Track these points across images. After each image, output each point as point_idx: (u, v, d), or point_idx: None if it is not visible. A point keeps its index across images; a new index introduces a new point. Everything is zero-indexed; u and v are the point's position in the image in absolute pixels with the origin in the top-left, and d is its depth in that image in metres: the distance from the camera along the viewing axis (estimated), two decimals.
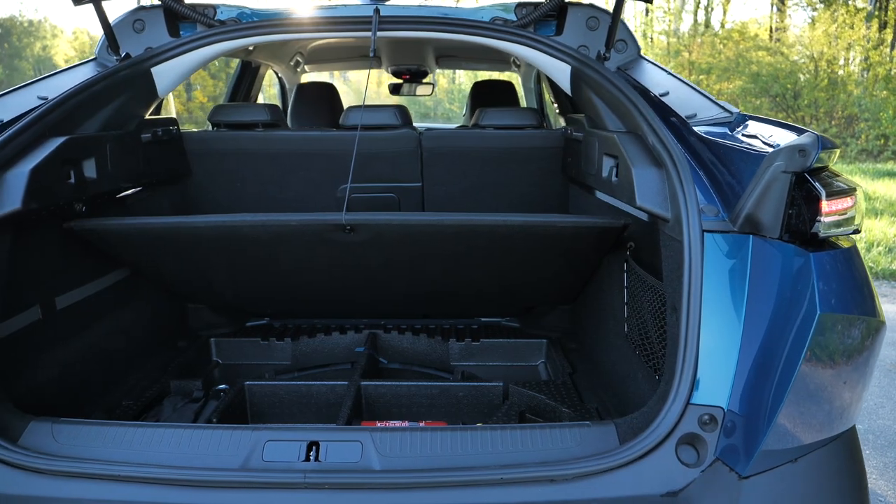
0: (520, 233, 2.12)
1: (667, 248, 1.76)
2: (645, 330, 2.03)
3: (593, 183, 2.35)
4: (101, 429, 1.63)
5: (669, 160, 1.72)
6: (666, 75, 2.31)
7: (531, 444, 1.59)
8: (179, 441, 1.59)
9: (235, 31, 2.42)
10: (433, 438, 1.59)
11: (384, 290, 2.70)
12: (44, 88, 2.23)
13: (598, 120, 2.32)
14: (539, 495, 1.48)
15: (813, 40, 18.65)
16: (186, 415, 2.30)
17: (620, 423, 1.65)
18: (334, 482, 1.47)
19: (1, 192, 1.79)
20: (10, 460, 1.52)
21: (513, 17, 2.54)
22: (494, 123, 2.88)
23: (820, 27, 18.75)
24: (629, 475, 1.50)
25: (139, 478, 1.49)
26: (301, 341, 2.90)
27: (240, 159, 2.91)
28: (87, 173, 2.16)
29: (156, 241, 2.20)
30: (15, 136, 1.86)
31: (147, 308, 2.70)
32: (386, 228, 2.11)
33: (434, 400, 2.39)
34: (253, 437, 1.59)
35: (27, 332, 2.01)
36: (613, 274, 2.34)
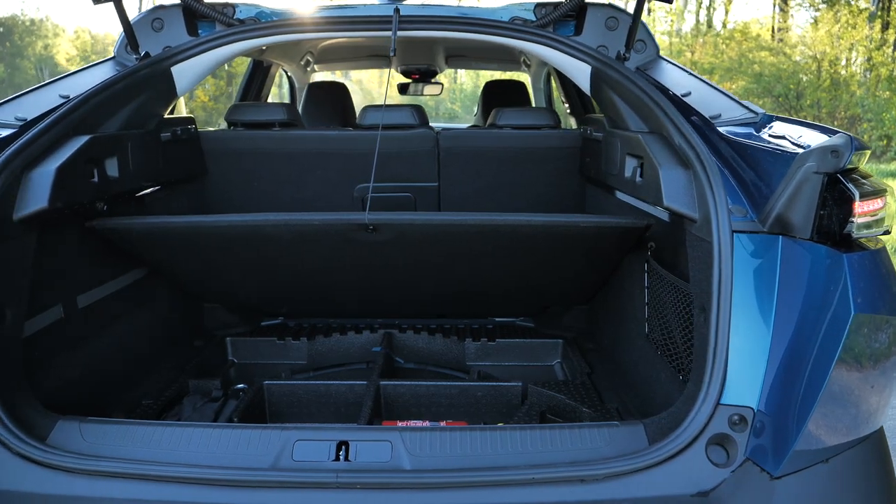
0: (542, 233, 2.12)
1: (694, 248, 1.75)
2: (668, 330, 2.03)
3: (614, 183, 2.35)
4: (129, 428, 1.63)
5: (697, 161, 1.72)
6: (686, 75, 2.30)
7: (560, 443, 1.59)
8: (209, 440, 1.59)
9: (255, 30, 2.42)
10: (462, 438, 1.59)
11: (401, 289, 2.70)
12: (65, 87, 2.22)
13: (618, 120, 2.32)
14: (570, 495, 1.48)
15: (816, 40, 18.64)
16: (206, 414, 2.30)
17: (649, 424, 1.65)
18: (366, 482, 1.47)
19: (27, 190, 1.79)
20: (41, 459, 1.52)
21: (532, 17, 2.54)
22: (512, 123, 2.88)
23: (823, 27, 18.74)
24: (660, 475, 1.50)
25: (171, 477, 1.49)
26: (317, 341, 2.90)
27: (256, 159, 2.91)
28: (110, 172, 2.16)
29: (178, 240, 2.20)
30: (40, 135, 1.86)
31: (164, 307, 2.70)
32: (409, 228, 2.11)
33: (453, 400, 2.39)
34: (282, 436, 1.59)
35: (50, 331, 2.01)
36: (634, 274, 2.34)
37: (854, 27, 18.28)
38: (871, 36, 18.13)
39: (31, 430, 1.60)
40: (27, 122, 1.99)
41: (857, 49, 18.65)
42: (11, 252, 1.76)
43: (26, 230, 1.82)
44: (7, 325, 1.71)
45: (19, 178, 1.79)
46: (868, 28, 18.03)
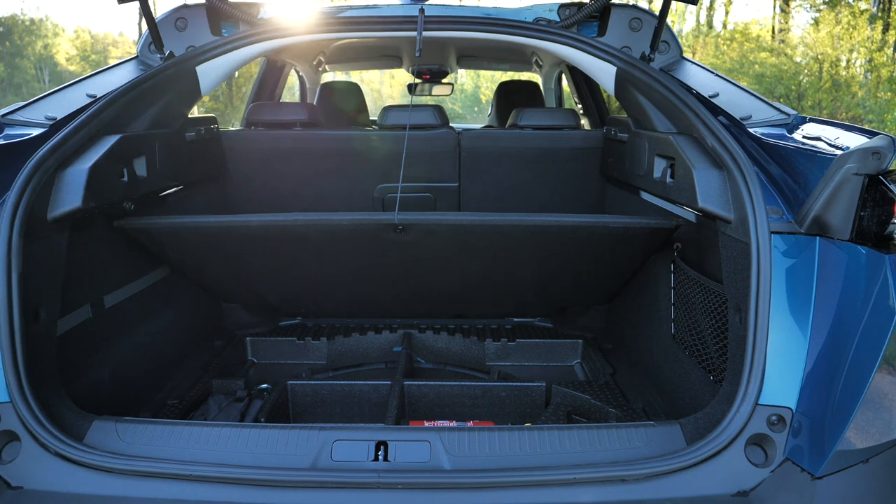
0: (571, 233, 2.12)
1: (728, 249, 1.76)
2: (698, 331, 2.03)
3: (640, 183, 2.35)
4: (166, 428, 1.63)
5: (732, 162, 1.72)
6: (713, 76, 2.31)
7: (598, 443, 1.59)
8: (247, 440, 1.59)
9: (281, 30, 2.41)
10: (500, 438, 1.59)
11: (421, 289, 2.70)
12: (91, 86, 2.22)
13: (645, 121, 2.32)
14: (611, 495, 1.48)
15: (817, 41, 18.66)
16: (232, 414, 2.30)
17: (685, 423, 1.65)
18: (407, 482, 1.47)
19: (60, 190, 1.79)
20: (80, 459, 1.52)
21: (555, 18, 2.54)
22: (533, 124, 2.88)
23: (824, 28, 18.76)
24: (700, 475, 1.51)
25: (212, 477, 1.49)
26: (336, 341, 2.90)
27: (277, 158, 2.91)
28: (139, 171, 2.16)
29: (206, 239, 2.20)
30: (72, 134, 1.86)
31: (185, 307, 2.70)
32: (438, 228, 2.11)
33: (476, 400, 2.40)
34: (320, 436, 1.59)
35: (79, 331, 2.01)
36: (659, 275, 2.34)
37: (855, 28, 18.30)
38: (872, 37, 18.14)
39: (68, 430, 1.60)
40: (57, 122, 1.99)
41: (859, 50, 18.67)
42: (45, 251, 1.76)
43: (59, 230, 1.82)
44: (41, 325, 1.71)
45: (52, 177, 1.78)
46: (869, 29, 18.04)
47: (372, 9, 2.58)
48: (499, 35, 2.43)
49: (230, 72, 2.52)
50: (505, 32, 2.43)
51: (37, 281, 1.70)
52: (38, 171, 1.71)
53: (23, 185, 1.66)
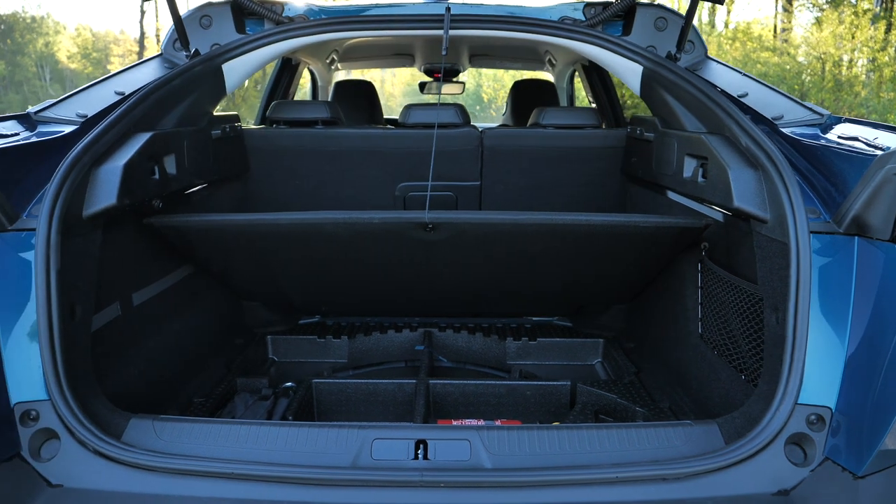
0: (600, 232, 2.12)
1: (763, 249, 1.76)
2: (729, 330, 2.03)
3: (668, 183, 2.35)
4: (204, 426, 1.63)
5: (769, 161, 1.72)
6: (741, 76, 2.31)
7: (638, 442, 1.59)
8: (286, 439, 1.59)
9: (306, 27, 2.42)
10: (540, 437, 1.59)
11: (444, 287, 2.70)
12: (119, 83, 2.22)
13: (672, 121, 2.32)
14: (653, 494, 1.48)
15: (820, 41, 18.66)
16: (259, 413, 2.30)
17: (722, 423, 1.65)
18: (449, 481, 1.47)
19: (95, 187, 1.79)
20: (120, 457, 1.52)
21: (580, 17, 2.54)
22: (555, 123, 2.88)
23: (827, 28, 18.75)
24: (740, 474, 1.51)
25: (253, 476, 1.49)
26: (357, 339, 2.90)
27: (298, 156, 2.91)
28: (169, 169, 2.16)
29: (235, 236, 2.20)
30: (105, 132, 1.86)
31: (207, 305, 2.70)
32: (468, 227, 2.11)
33: (501, 399, 2.39)
34: (360, 435, 1.59)
35: (109, 329, 2.00)
36: (685, 274, 2.34)
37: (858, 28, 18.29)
38: (875, 37, 18.14)
39: (106, 428, 1.60)
40: (88, 119, 1.99)
41: (862, 50, 18.66)
42: (81, 249, 1.76)
43: (93, 227, 1.82)
44: (77, 322, 1.71)
45: (87, 175, 1.78)
46: (872, 29, 18.04)
47: (397, 7, 2.58)
48: (525, 34, 2.43)
49: (255, 69, 2.52)
50: (531, 31, 2.43)
51: (73, 278, 1.70)
52: (74, 169, 1.71)
53: (60, 182, 1.66)
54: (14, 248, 1.63)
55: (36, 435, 1.56)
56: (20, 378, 1.58)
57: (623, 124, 4.16)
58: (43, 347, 1.56)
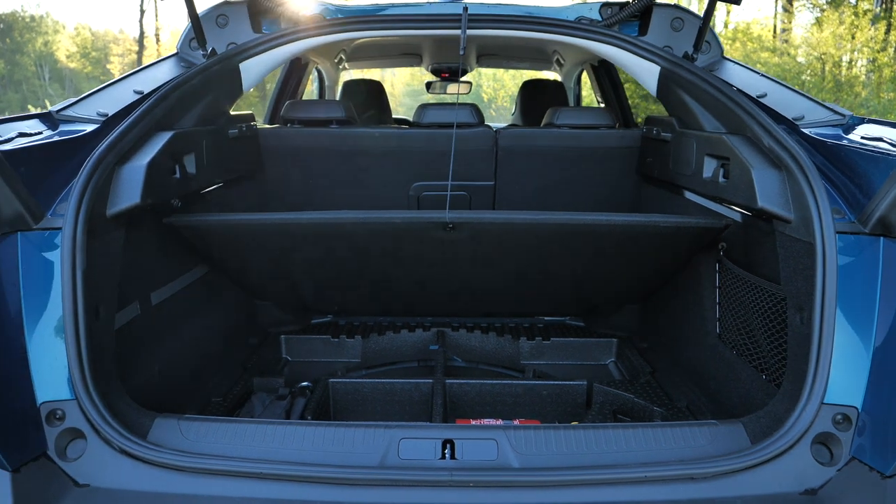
0: (619, 232, 2.13)
1: (786, 249, 1.76)
2: (749, 330, 2.03)
3: (686, 183, 2.36)
4: (229, 426, 1.63)
5: (793, 162, 1.72)
6: (758, 77, 2.31)
7: (664, 442, 1.59)
8: (312, 438, 1.59)
9: (324, 27, 2.41)
10: (567, 437, 1.59)
11: (459, 287, 2.70)
12: (137, 82, 2.22)
13: (691, 121, 2.32)
14: (681, 493, 1.49)
15: (820, 41, 18.69)
16: (276, 412, 2.29)
17: (747, 422, 1.65)
18: (478, 480, 1.47)
19: (119, 186, 1.79)
20: (148, 457, 1.52)
21: (597, 17, 2.54)
22: (570, 123, 2.88)
23: (827, 28, 18.78)
24: (767, 473, 1.51)
25: (281, 475, 1.49)
26: (371, 339, 2.90)
27: (313, 156, 2.91)
28: (189, 169, 2.16)
29: (254, 236, 2.20)
30: (128, 131, 1.85)
31: (222, 305, 2.70)
32: (488, 227, 2.11)
33: (518, 398, 2.40)
34: (386, 434, 1.59)
35: (129, 328, 2.00)
36: (702, 274, 2.35)
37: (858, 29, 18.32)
38: (876, 37, 18.16)
39: (132, 427, 1.60)
40: (109, 118, 1.98)
41: (862, 51, 18.69)
42: (104, 248, 1.76)
43: (116, 226, 1.82)
44: (101, 322, 1.71)
45: (111, 174, 1.78)
46: (873, 30, 18.06)
47: (413, 6, 2.58)
48: (542, 34, 2.43)
49: (272, 68, 2.52)
50: (549, 31, 2.44)
51: (98, 278, 1.70)
52: (98, 168, 1.71)
53: (85, 181, 1.66)
54: (39, 247, 1.63)
55: (62, 434, 1.56)
56: (46, 377, 1.58)
57: (632, 124, 4.17)
58: (69, 347, 1.56)
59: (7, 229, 1.60)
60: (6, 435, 1.49)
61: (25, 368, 1.57)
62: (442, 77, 5.11)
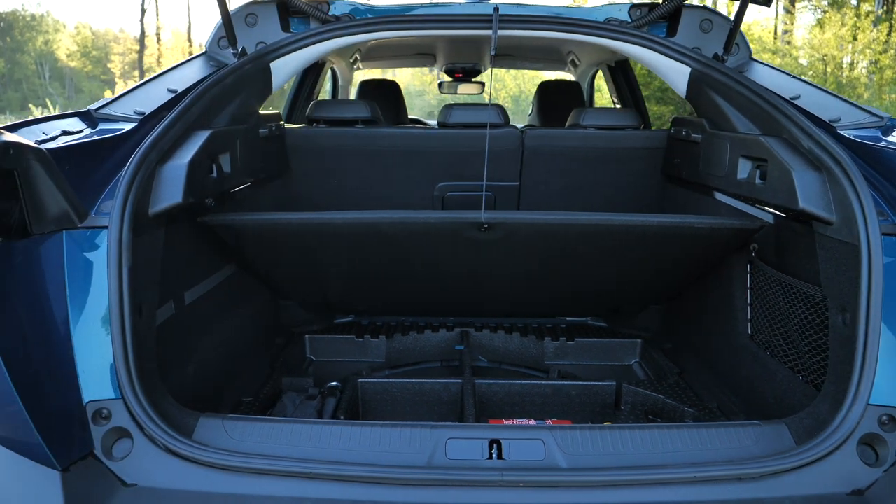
0: (654, 233, 2.13)
1: (827, 250, 1.76)
2: (784, 331, 2.03)
3: (718, 184, 2.36)
4: (273, 426, 1.63)
5: (834, 163, 1.73)
6: (790, 79, 2.31)
7: (709, 442, 1.60)
8: (359, 438, 1.59)
9: (355, 26, 2.41)
10: (613, 437, 1.60)
11: (486, 287, 2.70)
12: (170, 81, 2.22)
13: (723, 122, 2.33)
14: (730, 493, 1.49)
15: (822, 43, 18.73)
16: (307, 411, 2.29)
17: (791, 423, 1.66)
18: (528, 480, 1.47)
19: (161, 185, 1.79)
20: (195, 457, 1.52)
21: (625, 18, 2.55)
22: (596, 123, 2.88)
23: (829, 30, 18.82)
24: (814, 474, 1.52)
25: (330, 475, 1.48)
26: (395, 339, 2.90)
27: (338, 155, 2.91)
28: (224, 168, 2.15)
29: (287, 235, 2.20)
30: (167, 130, 1.85)
31: (248, 305, 2.69)
32: (523, 227, 2.12)
33: (547, 399, 2.40)
34: (433, 434, 1.59)
35: (165, 328, 2.00)
36: (733, 275, 2.35)
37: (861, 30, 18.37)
38: (878, 39, 18.21)
39: (177, 427, 1.59)
40: (145, 116, 1.98)
41: (864, 52, 18.73)
42: (147, 247, 1.75)
43: (157, 225, 1.82)
44: (144, 320, 1.71)
45: (153, 172, 1.78)
46: (875, 31, 18.11)
47: (442, 6, 2.58)
48: (573, 35, 2.44)
49: (300, 68, 2.52)
50: (578, 32, 2.44)
51: (141, 277, 1.69)
52: (142, 167, 1.71)
53: (130, 180, 1.66)
54: (84, 246, 1.63)
55: (108, 434, 1.56)
56: (91, 377, 1.58)
57: (648, 124, 4.18)
58: (115, 346, 1.56)
59: (53, 228, 1.60)
60: (55, 434, 1.49)
61: (72, 368, 1.57)
62: (455, 77, 5.11)
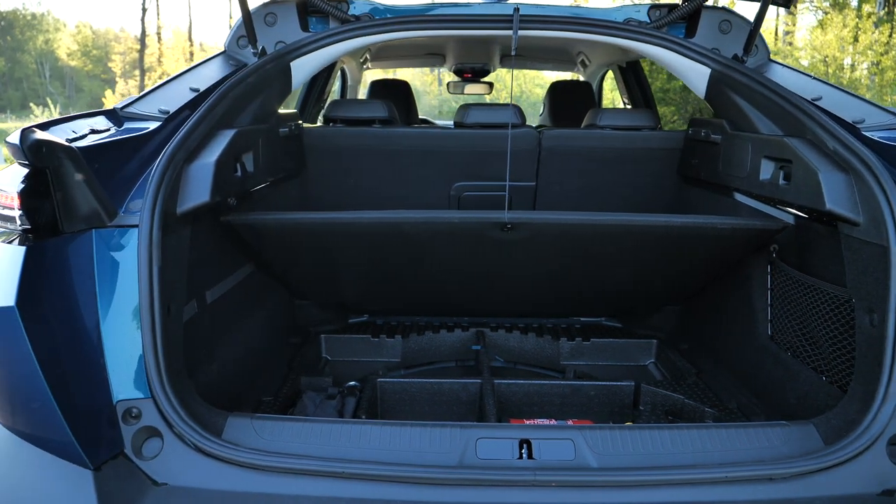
0: (676, 233, 2.13)
1: (854, 251, 1.77)
2: (806, 332, 2.03)
3: (738, 184, 2.36)
4: (304, 425, 1.63)
5: (862, 165, 1.73)
6: (810, 80, 2.31)
7: (738, 442, 1.60)
8: (389, 438, 1.59)
9: (375, 26, 2.41)
10: (642, 437, 1.60)
11: (503, 287, 2.70)
12: (191, 80, 2.21)
13: (743, 123, 2.33)
14: (761, 493, 1.49)
15: (824, 44, 18.75)
16: (328, 411, 2.29)
17: (818, 423, 1.66)
18: (560, 480, 1.47)
19: (188, 184, 1.79)
20: (226, 456, 1.52)
21: (644, 18, 2.55)
22: (613, 124, 2.88)
23: (830, 31, 18.84)
24: (845, 474, 1.52)
25: (362, 475, 1.49)
26: (411, 339, 2.90)
27: (356, 155, 2.91)
28: (248, 167, 2.15)
29: (308, 234, 2.20)
30: (194, 129, 1.85)
31: (265, 304, 2.69)
32: (546, 227, 2.12)
33: (566, 399, 2.40)
34: (463, 434, 1.59)
35: (189, 327, 2.00)
36: (752, 275, 2.35)
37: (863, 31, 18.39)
38: (879, 40, 18.22)
39: (207, 426, 1.60)
40: (170, 115, 1.98)
41: (865, 53, 18.75)
42: (174, 246, 1.75)
43: (184, 224, 1.82)
44: (172, 319, 1.71)
45: (181, 171, 1.78)
46: (877, 33, 18.12)
47: (462, 7, 2.58)
48: (593, 35, 2.43)
49: (319, 67, 2.52)
50: (598, 33, 2.44)
51: (169, 276, 1.69)
52: (170, 165, 1.71)
53: (159, 179, 1.66)
54: (113, 245, 1.63)
55: (138, 433, 1.56)
56: (121, 376, 1.58)
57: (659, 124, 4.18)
58: (146, 346, 1.56)
59: (83, 226, 1.60)
60: (86, 434, 1.49)
61: (102, 367, 1.57)
62: (464, 77, 5.11)
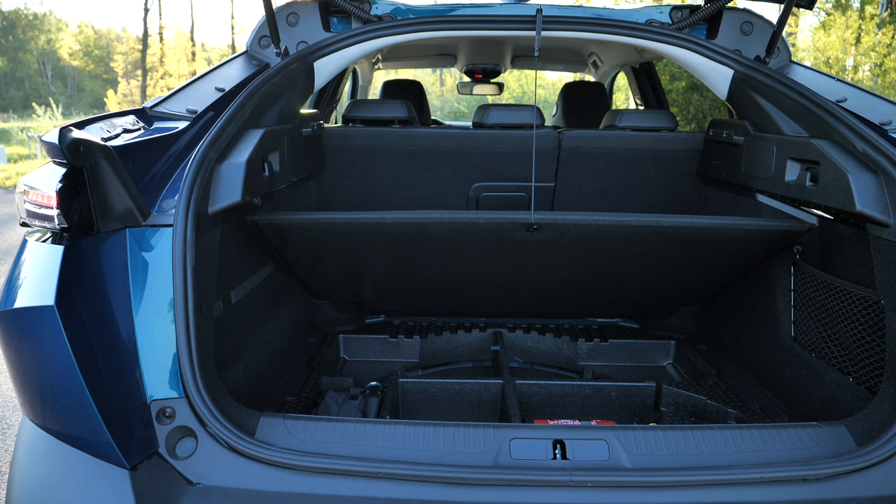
0: (702, 234, 2.13)
1: (884, 253, 1.77)
2: (832, 333, 2.03)
3: (762, 186, 2.36)
4: (334, 425, 1.63)
5: (893, 166, 1.73)
6: (834, 81, 2.31)
7: (771, 443, 1.60)
8: (422, 438, 1.59)
9: (398, 27, 2.41)
10: (676, 437, 1.60)
11: (523, 288, 2.70)
12: (217, 80, 2.22)
13: (767, 124, 2.33)
14: (795, 494, 1.49)
15: (827, 45, 18.75)
16: (351, 411, 2.30)
17: (850, 424, 1.66)
18: (596, 481, 1.47)
19: (220, 184, 1.79)
20: (260, 456, 1.52)
21: (666, 20, 2.55)
22: (633, 125, 2.88)
23: (833, 32, 18.83)
24: (879, 475, 1.52)
25: (396, 475, 1.48)
26: (429, 339, 2.90)
27: (375, 155, 2.91)
28: (274, 167, 2.15)
29: (335, 235, 2.20)
30: (224, 127, 1.85)
31: (285, 304, 2.69)
32: (572, 228, 2.12)
33: (587, 399, 2.40)
34: (496, 434, 1.59)
35: (217, 326, 2.00)
36: (774, 276, 2.35)
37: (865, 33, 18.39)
38: (882, 42, 18.21)
39: (240, 426, 1.59)
40: (198, 114, 1.98)
41: (868, 55, 18.74)
42: (206, 246, 1.75)
43: (215, 223, 1.82)
44: (204, 319, 1.71)
45: (212, 171, 1.78)
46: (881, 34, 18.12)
47: (484, 7, 2.58)
48: (615, 36, 2.44)
49: (342, 67, 2.52)
50: (620, 34, 2.44)
51: (202, 275, 1.70)
52: (203, 165, 1.71)
53: (192, 179, 1.66)
54: (146, 244, 1.63)
55: (172, 433, 1.56)
56: (155, 375, 1.58)
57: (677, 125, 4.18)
58: (180, 345, 1.56)
59: (117, 225, 1.60)
60: (122, 433, 1.49)
61: (136, 366, 1.57)
62: (475, 78, 5.11)
